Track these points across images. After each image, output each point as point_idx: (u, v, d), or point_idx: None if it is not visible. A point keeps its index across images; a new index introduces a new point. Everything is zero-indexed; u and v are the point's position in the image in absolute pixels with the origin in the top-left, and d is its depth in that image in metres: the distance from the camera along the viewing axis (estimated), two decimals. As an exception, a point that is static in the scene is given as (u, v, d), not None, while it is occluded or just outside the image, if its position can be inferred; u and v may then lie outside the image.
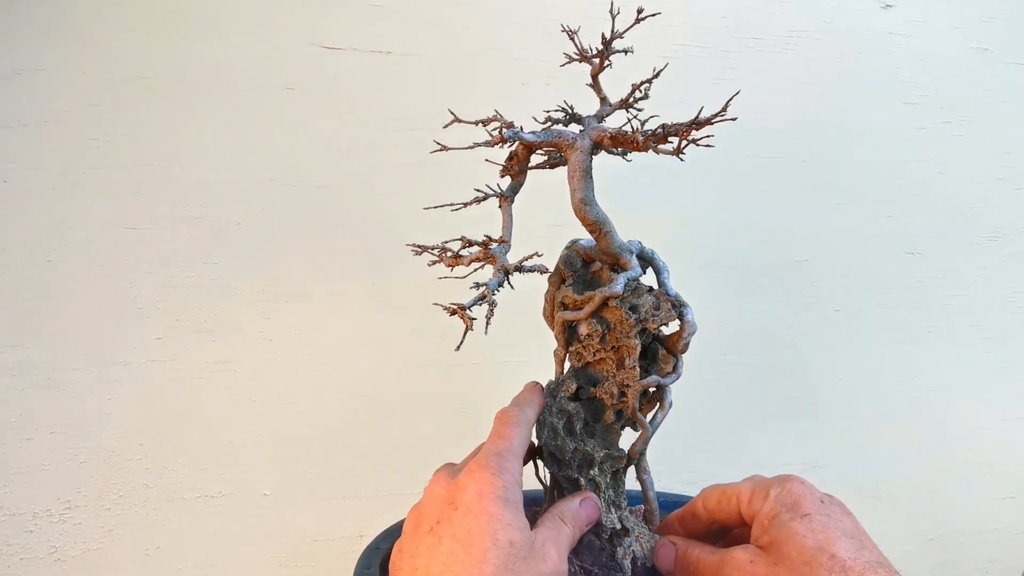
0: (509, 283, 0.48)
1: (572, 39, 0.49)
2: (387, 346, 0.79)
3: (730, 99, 0.41)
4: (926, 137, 0.92)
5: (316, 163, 0.77)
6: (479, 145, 0.47)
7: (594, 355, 0.51)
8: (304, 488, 0.79)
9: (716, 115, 0.42)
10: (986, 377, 0.96)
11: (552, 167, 0.54)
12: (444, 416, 0.82)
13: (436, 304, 0.47)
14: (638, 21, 0.47)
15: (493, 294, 0.46)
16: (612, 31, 0.48)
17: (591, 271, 0.54)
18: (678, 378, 0.51)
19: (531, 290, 0.55)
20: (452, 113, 0.47)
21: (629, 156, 0.53)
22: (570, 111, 0.51)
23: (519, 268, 0.47)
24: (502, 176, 0.50)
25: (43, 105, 0.71)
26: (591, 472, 0.50)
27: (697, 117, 0.42)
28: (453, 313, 0.46)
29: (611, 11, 0.47)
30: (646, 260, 0.52)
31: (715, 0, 0.85)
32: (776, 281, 0.89)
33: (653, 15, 0.47)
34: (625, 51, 0.49)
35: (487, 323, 0.46)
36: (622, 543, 0.49)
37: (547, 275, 0.51)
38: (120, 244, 0.73)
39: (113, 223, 0.73)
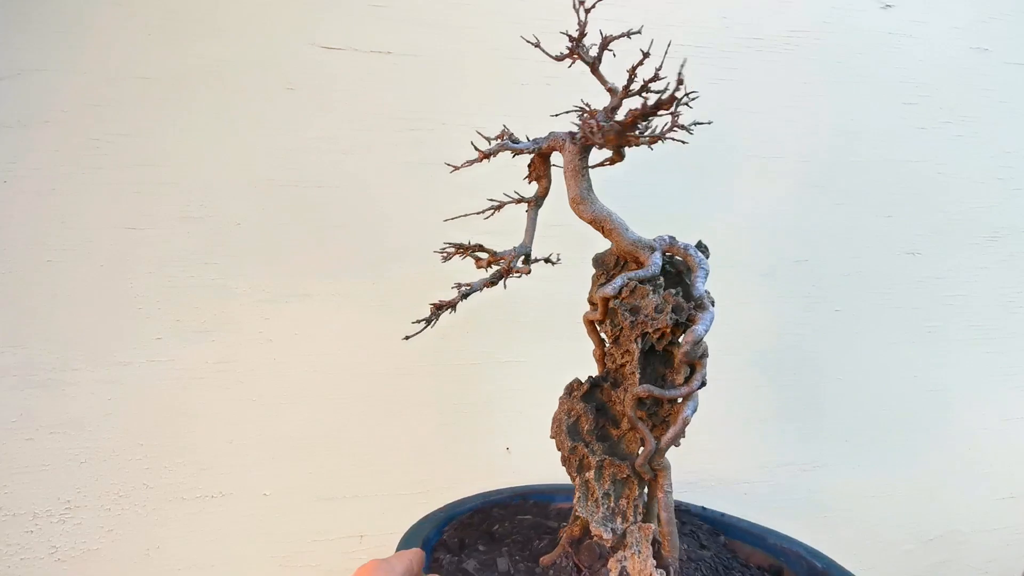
0: (504, 284, 0.48)
1: (538, 45, 0.48)
2: (387, 346, 0.79)
3: (687, 88, 0.41)
4: (926, 137, 0.91)
5: (316, 163, 0.77)
6: (468, 164, 0.47)
7: (621, 357, 0.49)
8: (304, 488, 0.79)
9: (683, 97, 0.41)
10: (986, 377, 0.96)
11: (612, 163, 0.51)
12: (444, 416, 0.81)
13: (431, 304, 0.47)
14: (590, 8, 0.46)
15: (464, 298, 0.47)
16: (579, 24, 0.47)
17: (626, 270, 0.52)
18: (689, 392, 0.47)
19: (531, 291, 0.55)
20: (474, 147, 0.47)
21: (651, 148, 0.52)
22: (587, 108, 0.51)
23: (509, 271, 0.47)
24: (529, 182, 0.50)
25: (43, 105, 0.71)
26: (587, 475, 0.48)
27: (658, 99, 0.41)
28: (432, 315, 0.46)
29: (574, 5, 0.46)
30: (680, 256, 0.51)
31: (715, 0, 0.85)
32: (777, 281, 0.89)
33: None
34: (628, 33, 0.47)
35: (428, 324, 0.48)
36: (616, 555, 0.47)
37: (528, 275, 0.50)
38: (120, 244, 0.73)
39: (113, 223, 0.73)
